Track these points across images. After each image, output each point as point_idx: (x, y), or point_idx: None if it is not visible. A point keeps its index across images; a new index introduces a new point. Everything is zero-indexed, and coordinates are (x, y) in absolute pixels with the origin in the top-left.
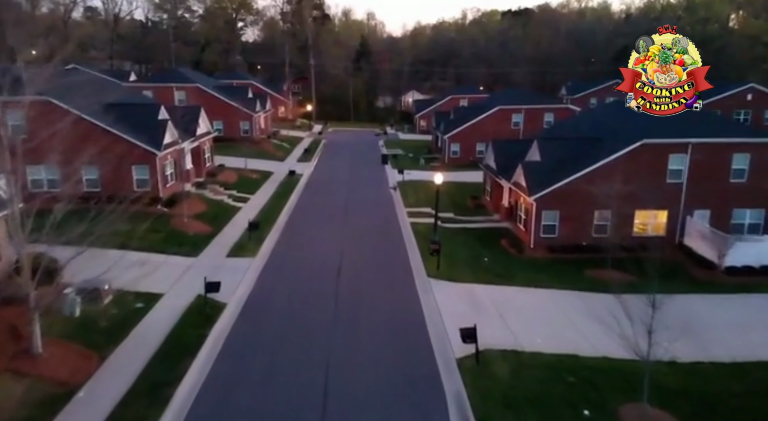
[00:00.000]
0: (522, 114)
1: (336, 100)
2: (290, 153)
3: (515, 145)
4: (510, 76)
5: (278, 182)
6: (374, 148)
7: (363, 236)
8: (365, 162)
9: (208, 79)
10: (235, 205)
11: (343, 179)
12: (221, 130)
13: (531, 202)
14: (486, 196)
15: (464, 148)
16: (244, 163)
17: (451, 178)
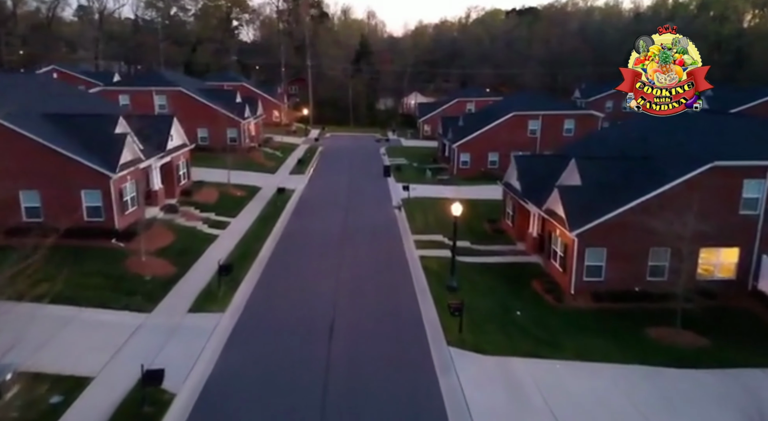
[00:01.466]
0: (539, 121)
1: (334, 102)
2: (283, 163)
3: (543, 161)
4: (517, 77)
5: (266, 200)
6: (375, 156)
7: (363, 278)
8: (365, 174)
9: (194, 81)
10: (210, 234)
11: (341, 196)
12: (206, 138)
13: (572, 238)
14: (506, 219)
15: (475, 158)
16: (228, 177)
17: (462, 193)
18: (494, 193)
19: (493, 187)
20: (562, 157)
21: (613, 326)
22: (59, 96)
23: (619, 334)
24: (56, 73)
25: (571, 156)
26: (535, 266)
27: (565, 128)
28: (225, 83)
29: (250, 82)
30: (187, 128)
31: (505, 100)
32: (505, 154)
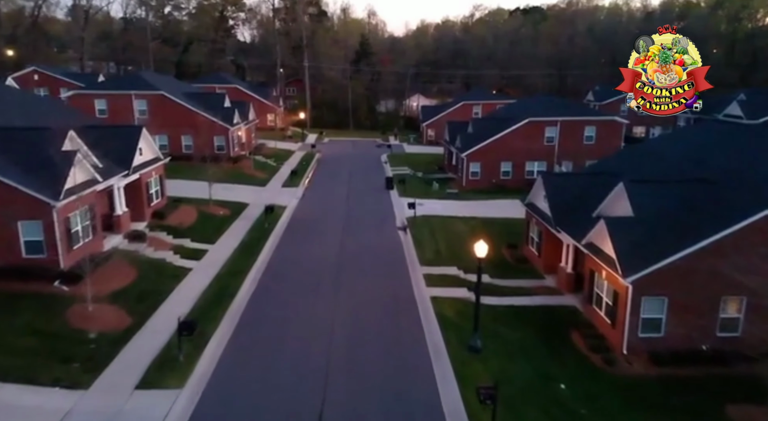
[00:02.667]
0: (557, 127)
1: (333, 105)
2: (275, 174)
3: (576, 181)
4: (524, 78)
5: (252, 221)
6: (376, 165)
7: (362, 337)
8: (366, 186)
9: (180, 84)
10: (181, 268)
11: (337, 215)
12: (191, 146)
13: (625, 285)
14: (530, 245)
15: (486, 168)
16: (209, 192)
17: (474, 210)
18: (511, 209)
19: (509, 203)
20: (598, 175)
21: (684, 403)
22: (9, 104)
23: (692, 412)
24: (36, 74)
25: (609, 174)
26: (571, 311)
27: (586, 136)
28: (216, 85)
29: (244, 85)
30: (171, 136)
31: (518, 105)
32: (520, 165)
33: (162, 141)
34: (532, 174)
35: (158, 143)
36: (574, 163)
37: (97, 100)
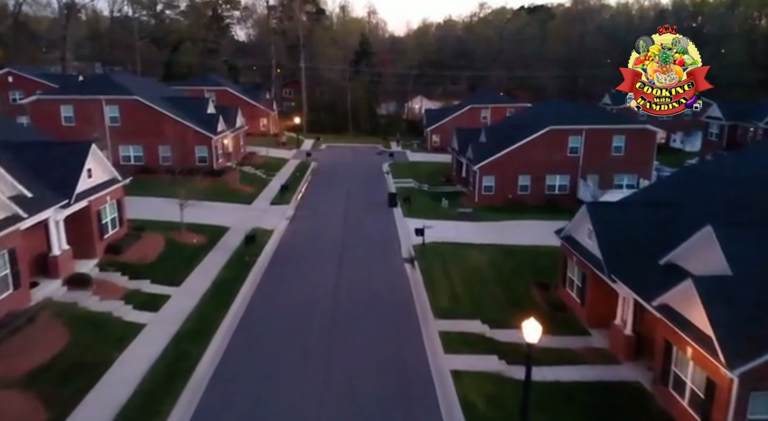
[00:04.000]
0: (582, 137)
1: (331, 108)
2: (264, 188)
3: (633, 215)
4: (534, 80)
5: (230, 252)
6: (377, 175)
7: None
8: (366, 203)
9: (160, 87)
10: (131, 325)
11: (332, 243)
12: (169, 158)
13: (728, 377)
14: (567, 289)
15: (502, 182)
16: (181, 215)
17: (492, 235)
18: (534, 234)
19: (531, 226)
20: (657, 207)
21: None
22: None
23: None
24: (11, 76)
25: (670, 206)
26: (637, 391)
27: (614, 146)
28: (205, 88)
29: (235, 87)
30: (146, 146)
31: (535, 110)
32: (539, 178)
33: (136, 152)
34: (554, 189)
35: (132, 154)
36: (601, 177)
37: (63, 107)
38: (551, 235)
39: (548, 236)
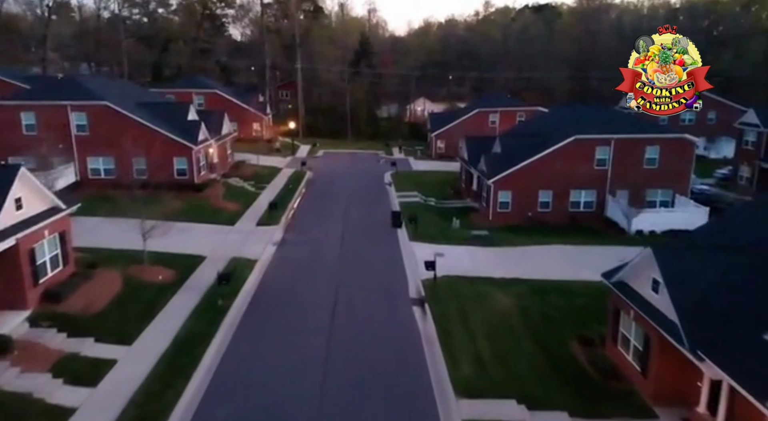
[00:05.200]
0: (610, 147)
1: (330, 111)
2: (251, 204)
3: (715, 265)
4: (543, 81)
5: (201, 293)
6: (379, 188)
7: None
8: (367, 223)
9: (137, 91)
10: (55, 410)
11: (326, 277)
12: (143, 171)
13: None
14: (620, 348)
15: (520, 198)
16: (144, 245)
17: (514, 265)
18: (564, 263)
19: (557, 251)
20: (744, 253)
21: None
22: None
23: None
24: None
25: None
26: None
27: (647, 158)
28: (193, 90)
29: (227, 90)
30: (118, 158)
31: (553, 116)
32: (562, 194)
33: (107, 165)
34: (578, 206)
35: (102, 167)
36: (632, 192)
37: (23, 114)
38: (583, 265)
39: (580, 267)
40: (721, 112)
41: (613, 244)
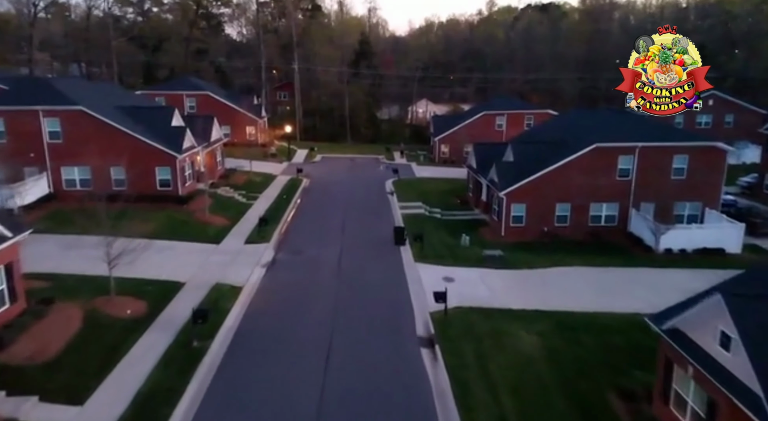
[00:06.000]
0: (634, 157)
1: (328, 113)
2: (240, 218)
3: None
4: (549, 83)
5: (175, 331)
6: (380, 197)
7: None
8: (367, 239)
9: (119, 94)
10: None
11: (319, 312)
12: (123, 181)
13: None
14: (673, 408)
15: (535, 212)
16: (110, 273)
17: (531, 288)
18: (591, 289)
19: (582, 275)
20: None
21: None
22: None
23: None
24: None
25: None
26: None
27: (674, 168)
28: (184, 92)
29: (219, 92)
30: (95, 168)
31: (570, 121)
32: (581, 208)
33: (82, 175)
34: (599, 220)
35: (78, 178)
36: (658, 205)
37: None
38: (612, 292)
39: (609, 294)
40: (739, 115)
41: (641, 264)
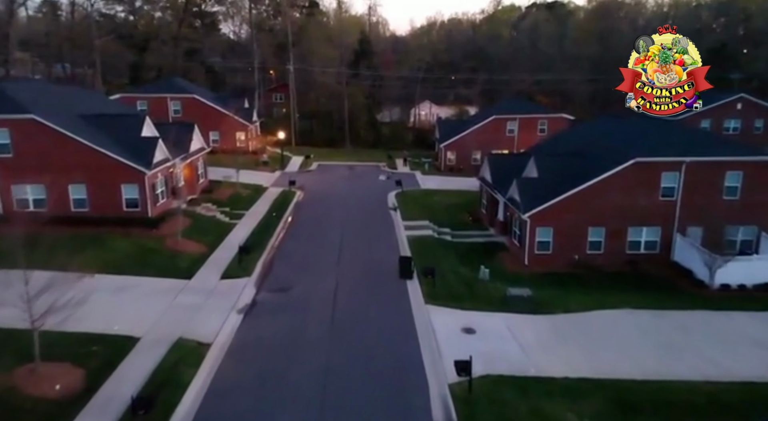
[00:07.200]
0: (680, 173)
1: (326, 116)
2: (220, 244)
3: None
4: (559, 84)
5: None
6: (382, 214)
7: None
8: (367, 272)
9: (84, 99)
10: None
11: (308, 381)
12: (84, 202)
13: None
14: None
15: (563, 237)
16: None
17: (572, 344)
18: (646, 348)
19: (630, 321)
20: None
21: None
22: None
23: None
24: None
25: None
26: None
27: (726, 187)
28: (169, 95)
29: (207, 94)
30: (51, 187)
31: (600, 129)
32: (617, 232)
33: (36, 194)
34: (638, 246)
35: (31, 198)
36: (706, 230)
37: None
38: (675, 348)
39: (671, 351)
40: None
41: (697, 305)
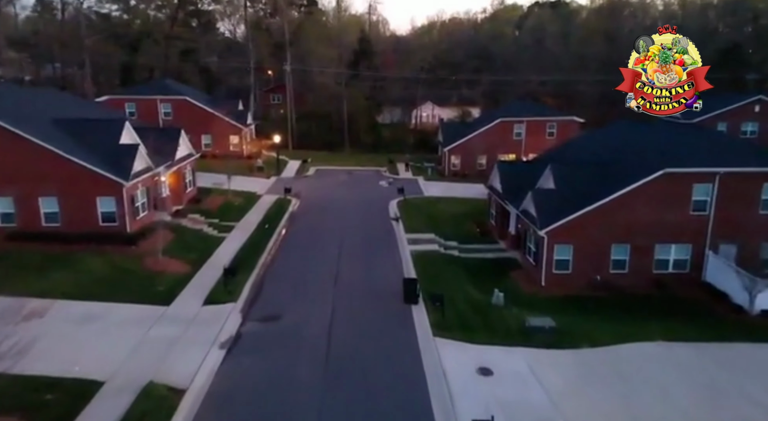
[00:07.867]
0: (714, 186)
1: (325, 118)
2: (205, 262)
3: None
4: (566, 85)
5: None
6: (385, 228)
7: None
8: (366, 294)
9: (61, 102)
10: None
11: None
12: (55, 216)
13: None
14: None
15: (584, 255)
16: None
17: (594, 380)
18: (687, 392)
19: (662, 356)
20: None
21: None
22: None
23: None
24: None
25: None
26: None
27: (764, 199)
28: (159, 97)
29: (201, 97)
30: (19, 199)
31: (622, 135)
32: (644, 250)
33: (4, 208)
34: (666, 265)
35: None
36: (741, 246)
37: None
38: (716, 389)
39: (715, 394)
40: None
41: (736, 336)
